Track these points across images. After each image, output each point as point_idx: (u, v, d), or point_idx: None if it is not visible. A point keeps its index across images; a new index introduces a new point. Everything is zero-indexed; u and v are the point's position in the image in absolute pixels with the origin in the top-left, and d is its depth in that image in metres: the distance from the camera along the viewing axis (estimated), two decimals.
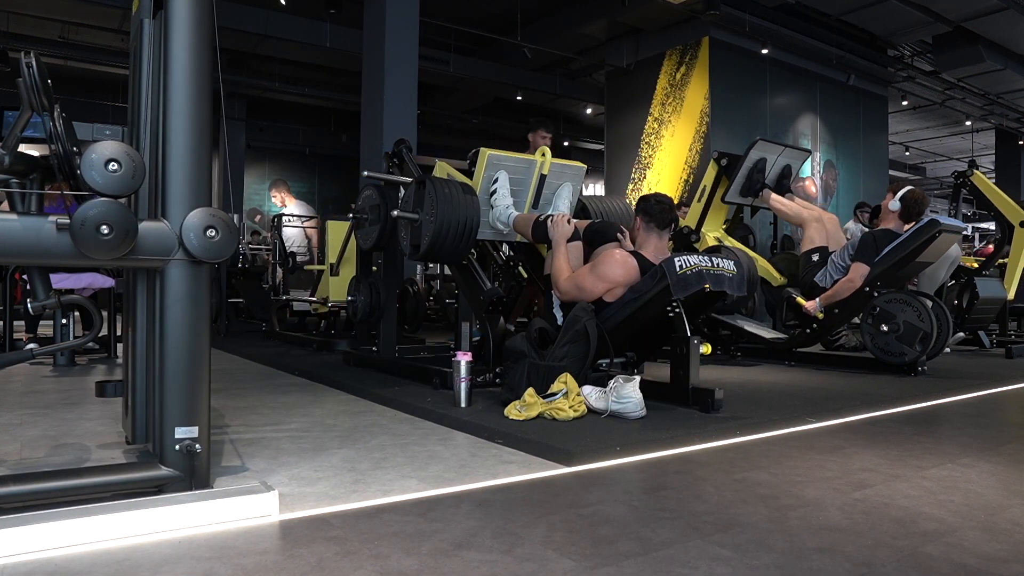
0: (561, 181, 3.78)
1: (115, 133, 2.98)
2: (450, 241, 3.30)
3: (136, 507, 1.44)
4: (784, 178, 5.16)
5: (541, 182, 3.70)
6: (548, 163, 3.68)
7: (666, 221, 3.16)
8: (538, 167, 3.68)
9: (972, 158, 11.65)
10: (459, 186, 3.41)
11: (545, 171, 3.68)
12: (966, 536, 1.47)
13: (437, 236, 3.28)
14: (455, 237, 3.30)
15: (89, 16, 9.31)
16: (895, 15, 9.16)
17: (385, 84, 6.87)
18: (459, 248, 3.36)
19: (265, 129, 14.01)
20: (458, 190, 3.37)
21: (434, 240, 3.29)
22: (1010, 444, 2.37)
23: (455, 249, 3.35)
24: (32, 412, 2.76)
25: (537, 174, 3.69)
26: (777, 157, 5.07)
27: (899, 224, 4.25)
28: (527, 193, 3.72)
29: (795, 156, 5.24)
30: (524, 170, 3.68)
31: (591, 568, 1.29)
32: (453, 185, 3.39)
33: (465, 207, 3.33)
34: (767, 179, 5.04)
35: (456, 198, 3.33)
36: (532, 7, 9.70)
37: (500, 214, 3.58)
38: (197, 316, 1.61)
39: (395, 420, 2.69)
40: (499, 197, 3.58)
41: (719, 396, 2.71)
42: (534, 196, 3.72)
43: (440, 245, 3.31)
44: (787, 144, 5.21)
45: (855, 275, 4.16)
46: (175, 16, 1.61)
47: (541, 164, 3.68)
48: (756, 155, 4.94)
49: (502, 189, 3.59)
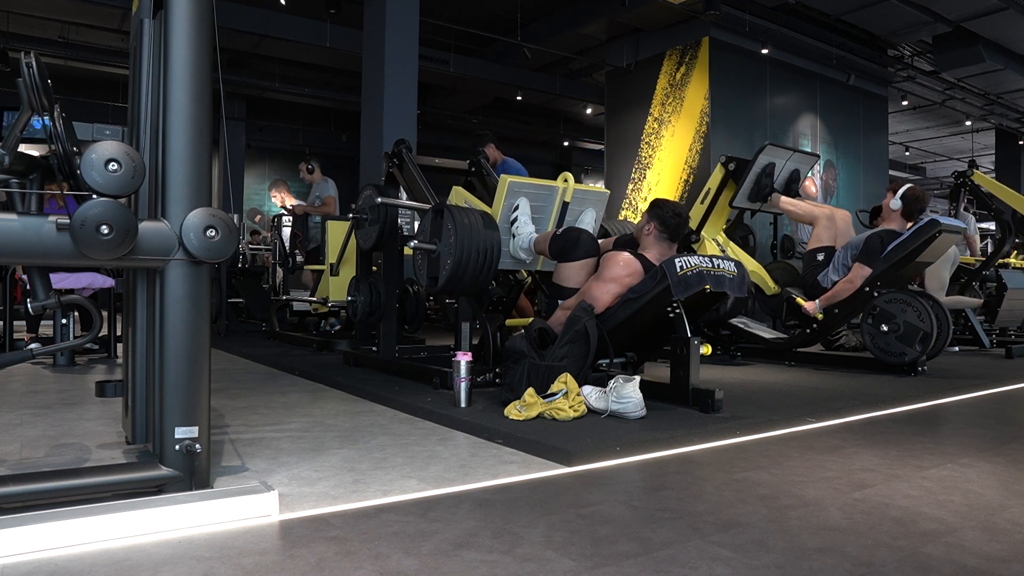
0: (583, 208, 3.67)
1: (115, 133, 2.99)
2: (470, 273, 3.15)
3: (136, 507, 1.44)
4: (793, 182, 5.16)
5: (564, 209, 3.59)
6: (571, 190, 3.56)
7: (680, 235, 3.14)
8: (560, 193, 3.56)
9: (972, 158, 11.66)
10: (479, 215, 3.26)
11: (568, 198, 3.57)
12: (966, 536, 1.47)
13: (457, 268, 3.13)
14: (476, 269, 3.15)
15: (89, 16, 9.32)
16: (895, 15, 9.17)
17: (385, 84, 6.87)
18: (479, 280, 3.21)
19: (265, 129, 14.01)
20: (477, 220, 3.21)
21: (454, 272, 3.14)
22: (1010, 444, 2.37)
23: (475, 281, 3.19)
24: (32, 412, 2.76)
25: (559, 201, 3.57)
26: (786, 162, 5.07)
27: (902, 223, 4.24)
28: (548, 221, 3.60)
29: (804, 160, 5.23)
30: (545, 197, 3.55)
31: (591, 568, 1.29)
32: (473, 214, 3.23)
33: (486, 238, 3.18)
34: (776, 183, 5.03)
35: (476, 229, 3.16)
36: (532, 7, 9.70)
37: (522, 242, 3.44)
38: (197, 316, 1.61)
39: (395, 420, 2.69)
40: (520, 225, 3.45)
41: (719, 396, 2.71)
42: (556, 224, 3.61)
43: (460, 277, 3.15)
44: (796, 149, 5.21)
45: (855, 276, 4.15)
46: (175, 16, 1.61)
47: (563, 191, 3.56)
48: (765, 160, 4.93)
49: (523, 216, 3.46)
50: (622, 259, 3.02)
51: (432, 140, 13.99)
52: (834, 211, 4.74)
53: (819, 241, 4.54)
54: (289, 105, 13.76)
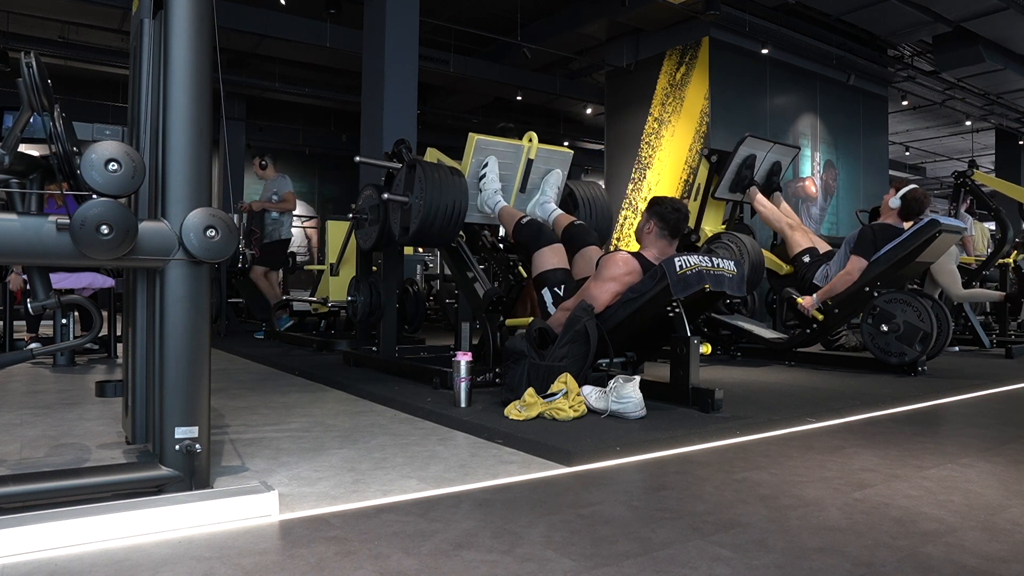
0: (549, 167, 3.86)
1: (115, 133, 2.99)
2: (439, 223, 3.40)
3: (136, 507, 1.44)
4: (774, 175, 5.18)
5: (528, 167, 3.78)
6: (535, 148, 3.77)
7: (680, 230, 3.14)
8: (525, 152, 3.76)
9: (972, 158, 11.65)
10: (447, 170, 3.50)
11: (532, 156, 3.76)
12: (966, 536, 1.47)
13: (426, 218, 3.37)
14: (444, 219, 3.40)
15: (89, 16, 9.31)
16: (895, 15, 9.16)
17: (385, 84, 6.87)
18: (447, 230, 3.46)
19: (265, 129, 14.00)
20: (447, 174, 3.46)
21: (423, 222, 3.38)
22: (1010, 444, 2.37)
23: (444, 231, 3.45)
24: (32, 412, 2.76)
25: (524, 159, 3.77)
26: (766, 154, 5.08)
27: (898, 220, 4.27)
28: (515, 178, 3.80)
29: (784, 152, 5.24)
30: (512, 155, 3.76)
31: (591, 568, 1.29)
32: (442, 169, 3.48)
33: (454, 190, 3.43)
34: (757, 175, 5.06)
35: (445, 181, 3.42)
36: (532, 7, 9.70)
37: (488, 198, 3.67)
38: (197, 316, 1.61)
39: (395, 420, 2.69)
40: (488, 181, 3.67)
41: (719, 396, 2.71)
42: (521, 180, 3.80)
43: (429, 227, 3.40)
44: (776, 141, 5.22)
45: (852, 268, 4.17)
46: (175, 16, 1.61)
47: (528, 149, 3.76)
48: (745, 151, 4.96)
49: (491, 174, 3.68)
50: (621, 258, 3.02)
51: (432, 140, 13.93)
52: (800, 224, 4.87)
53: (799, 246, 4.67)
54: (289, 105, 13.75)
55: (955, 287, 5.52)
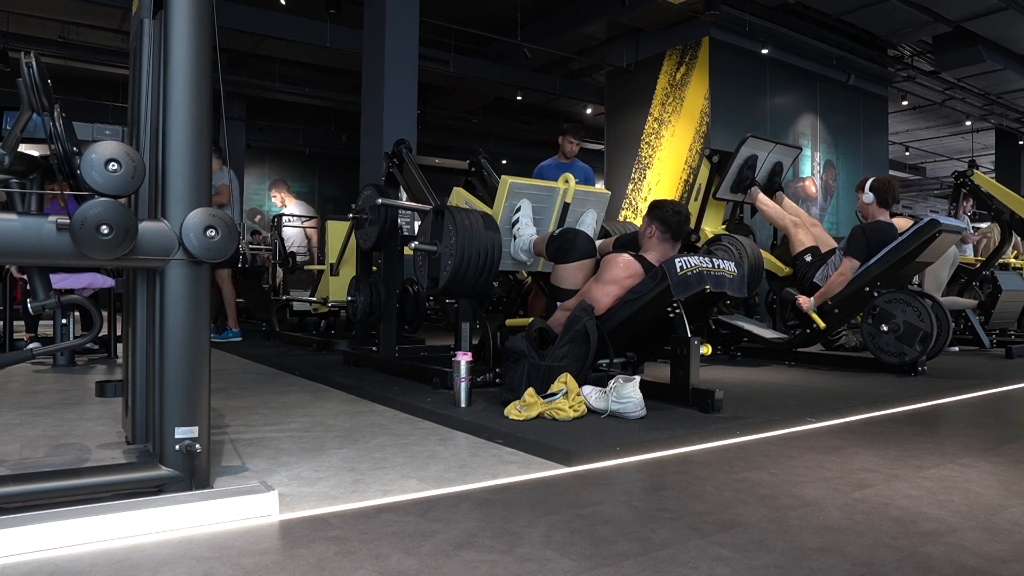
0: (584, 208, 3.68)
1: (115, 133, 2.97)
2: (471, 274, 3.14)
3: (136, 507, 1.44)
4: (775, 175, 5.17)
5: (564, 210, 3.60)
6: (572, 191, 3.57)
7: (682, 233, 3.12)
8: (561, 195, 3.57)
9: (972, 158, 11.65)
10: (480, 216, 3.24)
11: (568, 199, 3.57)
12: (966, 536, 1.47)
13: (458, 269, 3.12)
14: (476, 270, 3.14)
15: (89, 16, 9.32)
16: (895, 15, 9.17)
17: (385, 84, 6.87)
18: (480, 281, 3.20)
19: (265, 129, 14.01)
20: (479, 221, 3.20)
21: (455, 274, 3.13)
22: (1010, 444, 2.37)
23: (476, 282, 3.18)
24: (32, 412, 2.76)
25: (560, 202, 3.58)
26: (768, 154, 5.08)
27: (883, 213, 4.33)
28: (549, 222, 3.61)
29: (786, 153, 5.24)
30: (547, 198, 3.56)
31: (591, 568, 1.29)
32: (474, 215, 3.22)
33: (487, 239, 3.17)
34: (758, 176, 5.05)
35: (477, 229, 3.15)
36: (532, 7, 9.70)
37: (523, 244, 3.46)
38: (197, 316, 1.61)
39: (395, 420, 2.69)
40: (522, 227, 3.47)
41: (719, 396, 2.71)
42: (557, 225, 3.62)
43: (461, 278, 3.14)
44: (778, 141, 5.22)
45: (845, 268, 4.19)
46: (175, 16, 1.61)
47: (564, 192, 3.56)
48: (747, 152, 4.95)
49: (524, 219, 3.47)
50: (622, 260, 3.02)
51: (432, 140, 13.99)
52: (805, 220, 4.85)
53: (801, 244, 4.64)
54: (289, 105, 13.76)
55: (935, 293, 5.51)
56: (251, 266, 8.58)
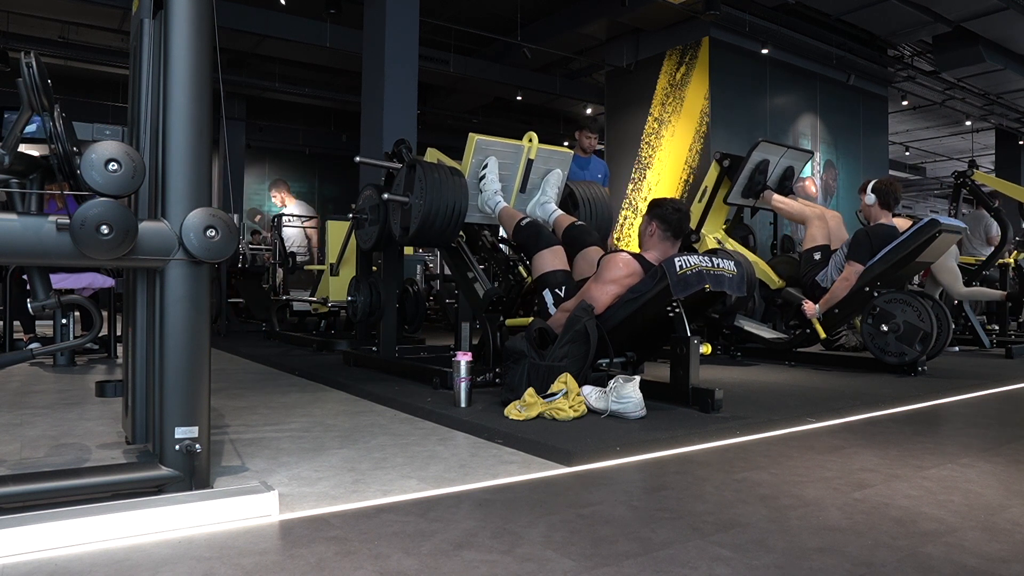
0: (549, 167, 3.86)
1: (115, 133, 2.98)
2: (439, 223, 3.41)
3: (136, 507, 1.44)
4: (787, 179, 5.16)
5: (529, 167, 3.78)
6: (535, 148, 3.77)
7: (683, 230, 3.13)
8: (525, 152, 3.77)
9: (972, 158, 11.65)
10: (448, 170, 3.51)
11: (532, 156, 3.76)
12: (966, 536, 1.47)
13: (426, 218, 3.38)
14: (444, 220, 3.41)
15: (89, 16, 9.32)
16: (895, 15, 9.17)
17: (385, 84, 6.87)
18: (448, 230, 3.47)
19: (265, 129, 14.01)
20: (447, 174, 3.46)
21: (423, 222, 3.39)
22: (1010, 444, 2.37)
23: (444, 231, 3.45)
24: (32, 412, 2.76)
25: (524, 159, 3.77)
26: (780, 158, 5.07)
27: (886, 215, 4.29)
28: (515, 178, 3.80)
29: (797, 157, 5.23)
30: (512, 155, 3.76)
31: (591, 568, 1.29)
32: (442, 169, 3.49)
33: (454, 190, 3.43)
34: (769, 180, 5.04)
35: (445, 182, 3.42)
36: (532, 7, 9.70)
37: (488, 198, 3.67)
38: (197, 316, 1.61)
39: (395, 420, 2.69)
40: (488, 182, 3.68)
41: (719, 396, 2.71)
42: (522, 181, 3.81)
43: (429, 227, 3.41)
44: (790, 145, 5.21)
45: (849, 273, 4.16)
46: (175, 16, 1.61)
47: (528, 149, 3.76)
48: (759, 156, 4.93)
49: (491, 174, 3.69)
50: (622, 260, 3.02)
51: (432, 140, 13.93)
52: (825, 211, 4.79)
53: (814, 240, 4.58)
54: (289, 105, 13.76)
55: (956, 285, 5.52)
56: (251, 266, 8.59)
